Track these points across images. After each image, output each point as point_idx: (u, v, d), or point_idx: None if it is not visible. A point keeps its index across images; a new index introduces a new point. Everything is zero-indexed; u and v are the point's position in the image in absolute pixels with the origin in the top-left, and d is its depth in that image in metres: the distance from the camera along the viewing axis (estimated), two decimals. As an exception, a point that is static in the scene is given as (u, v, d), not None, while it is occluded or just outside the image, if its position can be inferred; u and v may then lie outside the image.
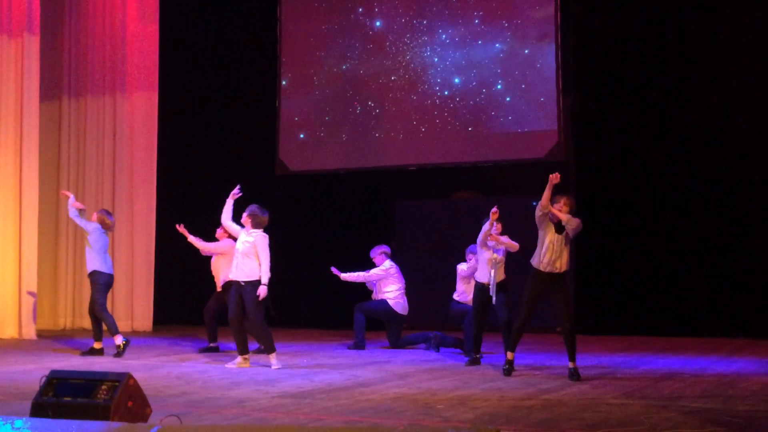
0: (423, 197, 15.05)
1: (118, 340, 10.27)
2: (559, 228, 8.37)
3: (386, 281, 11.36)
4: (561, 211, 8.31)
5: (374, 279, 11.42)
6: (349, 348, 11.21)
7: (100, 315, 10.39)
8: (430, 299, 13.97)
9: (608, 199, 13.30)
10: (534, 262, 8.46)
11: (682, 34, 13.00)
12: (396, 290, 11.32)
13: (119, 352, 10.18)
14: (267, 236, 9.20)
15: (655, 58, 13.10)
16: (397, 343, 11.33)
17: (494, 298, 9.29)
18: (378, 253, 11.52)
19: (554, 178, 8.14)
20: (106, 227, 10.64)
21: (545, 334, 12.58)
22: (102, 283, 10.45)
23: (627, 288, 13.03)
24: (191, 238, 10.89)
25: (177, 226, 10.99)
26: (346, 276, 11.39)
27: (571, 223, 8.33)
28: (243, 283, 9.08)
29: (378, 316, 11.45)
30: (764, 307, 12.20)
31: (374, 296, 11.51)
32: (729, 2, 12.82)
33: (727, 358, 9.85)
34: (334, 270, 11.40)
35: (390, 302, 11.25)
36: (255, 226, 9.20)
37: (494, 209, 9.16)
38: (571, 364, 8.25)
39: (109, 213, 10.95)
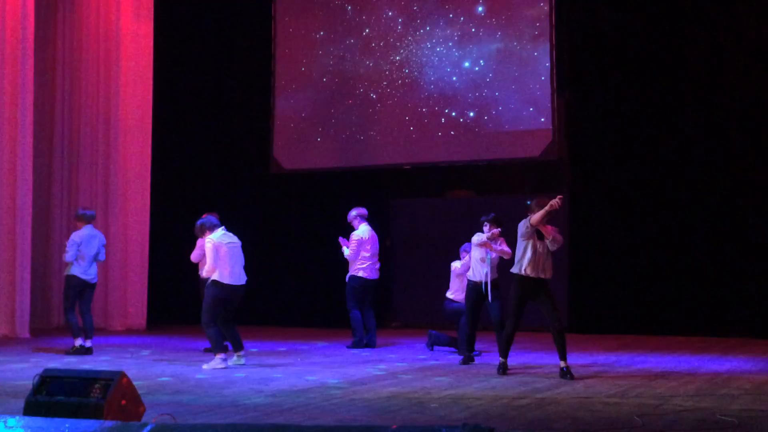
0: (417, 196, 15.06)
1: (77, 342, 10.31)
2: (542, 234, 8.41)
3: (362, 249, 11.33)
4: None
5: (356, 253, 11.31)
6: (348, 347, 11.15)
7: (66, 317, 10.46)
8: (424, 298, 14.00)
9: (602, 198, 13.31)
10: (515, 270, 8.48)
11: (676, 33, 13.01)
12: (368, 257, 11.30)
13: (72, 352, 10.24)
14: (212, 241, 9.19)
15: (649, 56, 13.11)
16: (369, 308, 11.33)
17: (489, 296, 9.31)
18: (353, 216, 11.49)
19: (556, 204, 8.10)
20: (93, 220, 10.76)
21: (539, 333, 12.58)
22: (76, 285, 10.53)
23: (621, 287, 13.04)
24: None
25: None
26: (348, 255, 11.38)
27: (556, 242, 8.37)
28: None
29: (365, 295, 11.35)
30: (758, 306, 12.21)
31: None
32: (725, 2, 12.83)
33: (720, 357, 9.87)
34: (342, 240, 11.37)
35: (364, 275, 11.25)
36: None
37: (497, 231, 9.23)
38: (562, 363, 8.27)
39: (84, 208, 11.05)
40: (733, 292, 12.40)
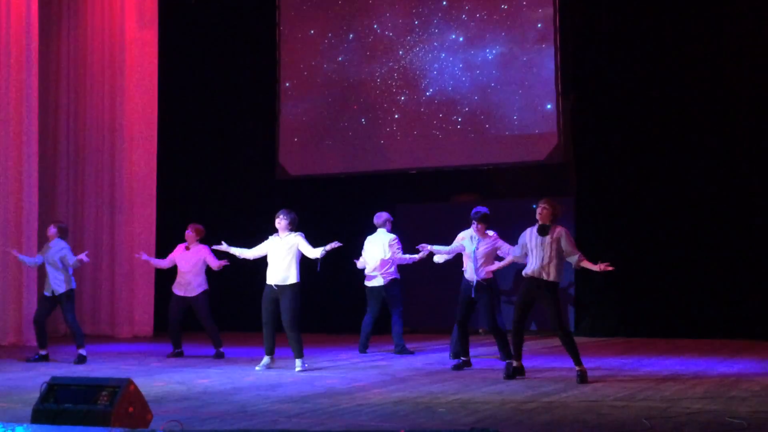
0: (423, 201, 15.05)
1: (83, 351, 10.27)
2: (542, 231, 8.39)
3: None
4: (542, 215, 8.36)
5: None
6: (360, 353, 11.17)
7: (76, 329, 10.32)
8: (431, 302, 13.97)
9: (608, 202, 13.29)
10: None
11: (681, 36, 13.00)
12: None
13: (78, 360, 10.18)
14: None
15: (653, 60, 13.10)
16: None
17: (473, 294, 9.24)
18: (389, 221, 11.46)
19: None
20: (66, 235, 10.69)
21: (545, 338, 12.56)
22: (73, 298, 10.47)
23: (627, 290, 13.00)
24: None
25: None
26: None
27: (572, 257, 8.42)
28: None
29: (369, 300, 11.30)
30: (766, 308, 12.18)
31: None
32: (728, 4, 12.81)
33: (728, 360, 9.84)
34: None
35: (365, 282, 11.29)
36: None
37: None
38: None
39: (56, 222, 10.85)
40: (740, 294, 12.37)
